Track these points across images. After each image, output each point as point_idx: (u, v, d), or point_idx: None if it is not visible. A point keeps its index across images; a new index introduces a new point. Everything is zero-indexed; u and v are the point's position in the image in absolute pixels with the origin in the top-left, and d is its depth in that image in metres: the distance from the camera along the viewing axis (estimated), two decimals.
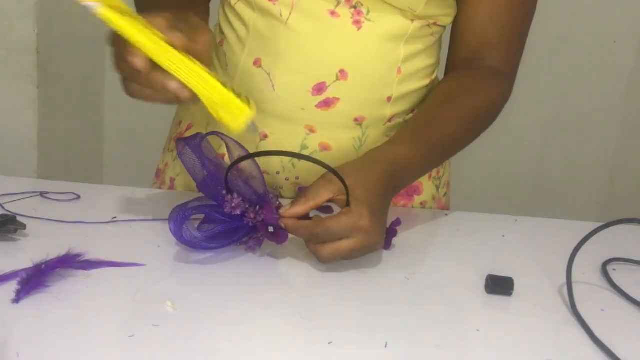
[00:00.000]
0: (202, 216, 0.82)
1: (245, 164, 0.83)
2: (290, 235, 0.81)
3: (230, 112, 0.76)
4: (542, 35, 2.06)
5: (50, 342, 0.64)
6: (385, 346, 0.68)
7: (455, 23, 0.99)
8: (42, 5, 1.61)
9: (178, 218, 0.78)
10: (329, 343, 0.67)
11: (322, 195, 0.80)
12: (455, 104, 0.95)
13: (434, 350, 0.68)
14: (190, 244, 0.79)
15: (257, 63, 0.94)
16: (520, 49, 1.00)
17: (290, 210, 0.80)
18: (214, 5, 1.03)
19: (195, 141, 0.83)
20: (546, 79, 2.19)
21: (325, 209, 0.83)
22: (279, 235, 0.81)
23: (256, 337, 0.68)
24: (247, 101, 0.77)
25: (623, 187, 2.29)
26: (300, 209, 0.80)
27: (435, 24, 0.96)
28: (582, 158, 2.28)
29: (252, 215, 0.80)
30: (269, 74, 0.94)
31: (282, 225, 0.80)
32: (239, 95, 0.77)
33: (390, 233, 0.86)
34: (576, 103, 2.23)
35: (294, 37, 0.92)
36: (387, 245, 0.86)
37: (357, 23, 0.91)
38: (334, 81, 0.93)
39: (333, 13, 0.91)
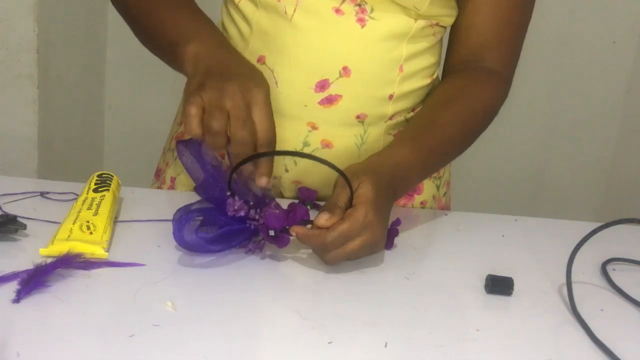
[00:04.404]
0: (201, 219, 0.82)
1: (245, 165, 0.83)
2: (290, 237, 0.81)
3: None
4: (542, 35, 2.06)
5: (51, 342, 0.63)
6: (385, 346, 0.68)
7: (455, 24, 0.99)
8: (42, 5, 1.61)
9: (181, 220, 0.78)
10: (329, 343, 0.67)
11: (346, 201, 0.80)
12: (454, 107, 0.95)
13: (434, 350, 0.68)
14: (191, 246, 0.79)
15: (260, 60, 0.94)
16: (518, 50, 1.01)
17: (329, 220, 0.78)
18: (216, 4, 1.03)
19: (195, 143, 0.82)
20: (546, 79, 2.19)
21: None
22: (280, 238, 0.80)
23: (256, 337, 0.68)
24: None
25: (623, 187, 2.29)
26: (336, 218, 0.78)
27: (437, 24, 0.97)
28: (581, 158, 2.28)
29: (255, 217, 0.80)
30: (272, 71, 0.94)
31: (293, 233, 0.80)
32: None
33: (391, 233, 0.86)
34: (576, 103, 2.23)
35: (298, 34, 0.92)
36: (389, 245, 0.86)
37: (361, 21, 0.92)
38: (337, 78, 0.93)
39: (337, 11, 0.91)
